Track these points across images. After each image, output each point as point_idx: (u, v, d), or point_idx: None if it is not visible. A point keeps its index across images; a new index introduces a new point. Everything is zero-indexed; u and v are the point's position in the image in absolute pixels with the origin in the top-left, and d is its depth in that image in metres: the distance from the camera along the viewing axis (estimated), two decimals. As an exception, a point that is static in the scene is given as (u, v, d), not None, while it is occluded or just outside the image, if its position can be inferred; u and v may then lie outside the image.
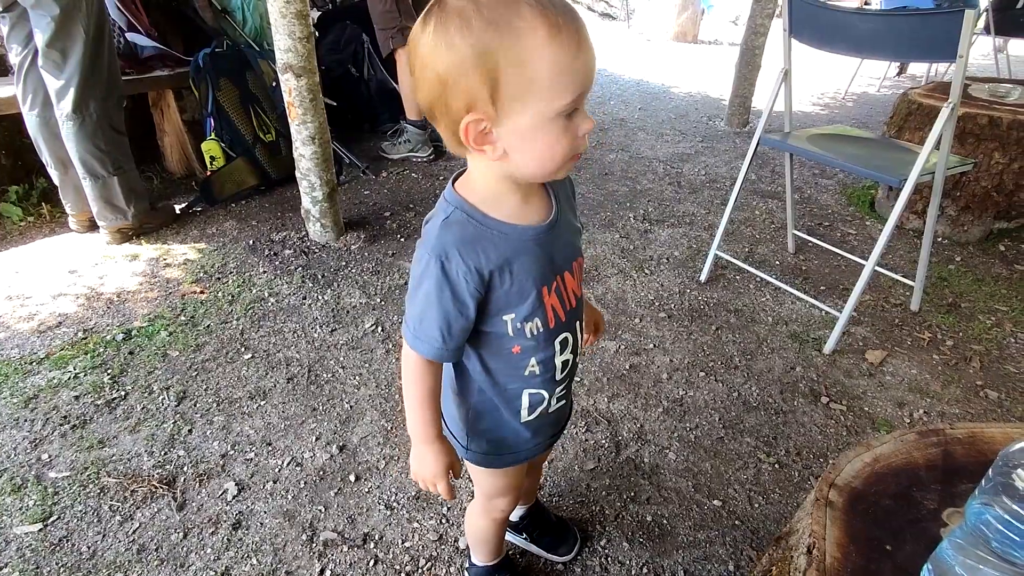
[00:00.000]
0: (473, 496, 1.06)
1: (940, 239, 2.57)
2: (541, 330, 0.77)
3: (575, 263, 0.80)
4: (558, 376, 0.83)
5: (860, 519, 0.73)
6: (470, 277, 0.69)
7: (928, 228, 1.90)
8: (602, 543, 1.27)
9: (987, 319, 2.04)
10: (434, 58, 0.61)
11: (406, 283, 2.16)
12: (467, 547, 1.24)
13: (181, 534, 1.26)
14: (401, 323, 1.92)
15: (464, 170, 0.75)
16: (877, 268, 1.93)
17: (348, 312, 2.01)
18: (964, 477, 0.79)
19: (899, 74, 6.02)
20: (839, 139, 2.07)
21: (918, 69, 5.88)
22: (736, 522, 1.32)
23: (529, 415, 0.85)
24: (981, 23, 4.50)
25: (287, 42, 2.05)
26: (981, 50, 5.62)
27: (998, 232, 2.57)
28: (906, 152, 1.95)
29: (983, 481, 0.57)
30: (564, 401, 0.90)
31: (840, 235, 2.63)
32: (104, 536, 1.25)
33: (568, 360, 0.83)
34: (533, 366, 0.80)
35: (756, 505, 1.36)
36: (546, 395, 0.84)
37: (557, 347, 0.80)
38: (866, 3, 7.86)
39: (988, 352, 1.88)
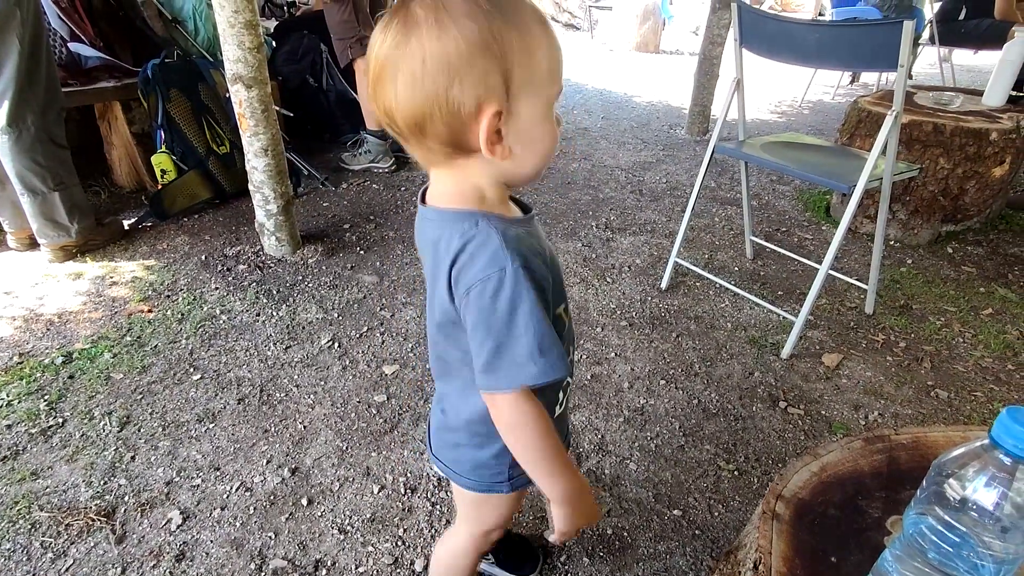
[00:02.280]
0: (443, 535, 1.02)
1: (892, 242, 2.64)
2: (567, 329, 0.77)
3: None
4: (572, 371, 0.83)
5: (807, 531, 0.73)
6: (547, 278, 0.65)
7: (879, 232, 1.95)
8: (562, 559, 1.24)
9: (937, 320, 2.09)
10: (440, 45, 0.55)
11: (365, 297, 2.13)
12: (423, 568, 1.21)
13: (119, 569, 1.19)
14: (360, 338, 1.89)
15: (427, 186, 0.70)
16: (832, 272, 1.97)
17: (304, 328, 1.95)
18: (908, 483, 0.79)
19: (852, 82, 6.21)
20: (792, 146, 2.11)
21: (870, 78, 6.09)
22: (696, 531, 1.32)
23: (560, 409, 0.81)
24: (926, 34, 4.68)
25: (236, 52, 2.00)
26: (927, 60, 5.86)
27: (946, 235, 2.65)
28: (857, 159, 2.00)
29: (919, 491, 0.56)
30: (566, 405, 0.86)
31: (797, 240, 2.68)
32: None
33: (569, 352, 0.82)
34: (569, 353, 0.78)
35: (716, 514, 1.36)
36: (570, 380, 0.82)
37: (572, 354, 0.82)
38: (820, 14, 8.12)
39: (938, 352, 1.93)
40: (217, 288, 2.15)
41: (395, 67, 0.57)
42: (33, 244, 2.30)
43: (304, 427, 1.56)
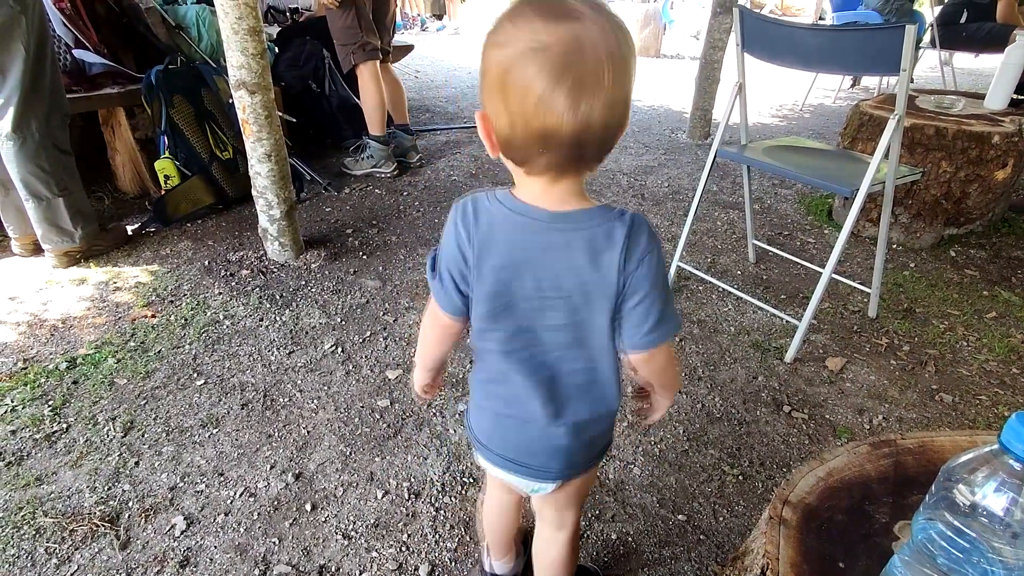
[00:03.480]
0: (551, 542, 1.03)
1: (895, 246, 2.63)
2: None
3: None
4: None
5: (814, 536, 0.72)
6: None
7: (881, 236, 1.95)
8: (566, 565, 1.24)
9: (940, 323, 2.09)
10: None
11: (367, 302, 2.13)
12: (427, 574, 1.21)
13: (124, 575, 1.19)
14: (363, 343, 1.89)
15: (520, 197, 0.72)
16: (835, 276, 1.97)
17: (307, 333, 1.95)
18: (915, 488, 0.79)
19: (853, 86, 6.22)
20: (794, 150, 2.11)
21: (871, 82, 6.10)
22: (701, 536, 1.31)
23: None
24: (927, 38, 4.69)
25: (240, 59, 2.01)
26: (928, 63, 5.86)
27: (949, 238, 2.65)
28: (858, 162, 2.00)
29: (927, 496, 0.56)
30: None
31: (799, 244, 2.68)
32: (38, 581, 1.17)
33: None
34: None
35: (721, 519, 1.36)
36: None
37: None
38: (820, 18, 8.14)
39: (942, 356, 1.92)
40: (220, 293, 2.15)
41: None
42: (37, 250, 2.30)
43: (308, 432, 1.56)
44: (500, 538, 1.13)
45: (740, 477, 1.46)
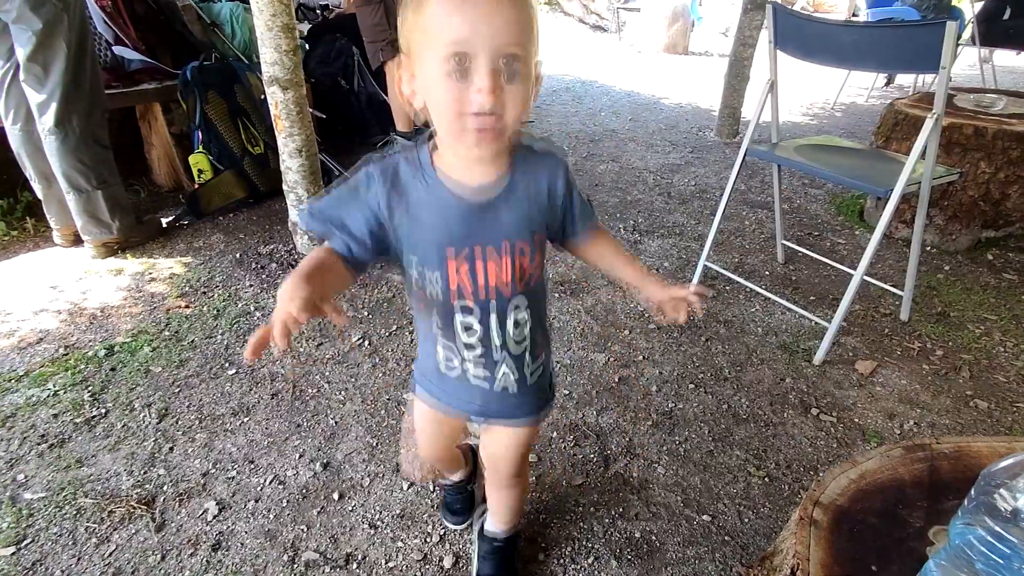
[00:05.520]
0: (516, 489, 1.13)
1: (928, 248, 2.57)
2: (440, 296, 0.80)
3: (506, 256, 0.79)
4: (464, 354, 0.86)
5: (845, 539, 0.72)
6: (383, 198, 0.76)
7: (916, 238, 1.90)
8: (589, 560, 1.25)
9: (976, 328, 2.04)
10: None
11: (394, 296, 2.15)
12: (451, 565, 1.22)
13: (159, 556, 1.23)
14: (389, 336, 1.92)
15: None
16: (866, 278, 1.93)
17: (335, 326, 1.98)
18: (951, 494, 0.77)
19: (887, 85, 6.07)
20: (826, 149, 2.08)
21: (905, 80, 5.94)
22: (726, 537, 1.30)
23: (445, 370, 0.89)
24: (967, 34, 4.56)
25: (273, 55, 2.05)
26: (967, 61, 5.70)
27: (986, 241, 2.58)
28: (893, 162, 1.96)
29: (966, 501, 0.56)
30: (487, 386, 0.89)
31: (829, 245, 2.63)
32: (79, 559, 1.22)
33: (474, 346, 0.84)
34: (436, 329, 0.85)
35: (746, 520, 1.35)
36: (456, 360, 0.87)
37: (459, 325, 0.82)
38: (854, 15, 7.96)
39: (977, 362, 1.87)
40: (251, 285, 2.20)
41: None
42: (77, 240, 2.38)
43: (335, 423, 1.59)
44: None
45: (766, 479, 1.45)
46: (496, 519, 1.17)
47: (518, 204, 0.79)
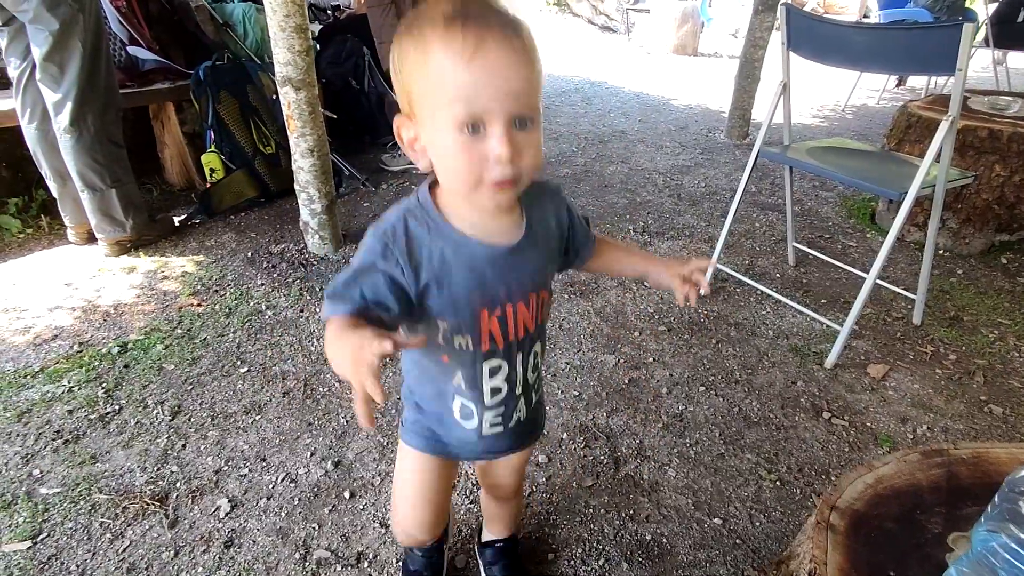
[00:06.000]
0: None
1: (942, 252, 2.55)
2: (470, 348, 0.75)
3: (533, 296, 0.76)
4: (487, 400, 0.81)
5: (862, 543, 0.71)
6: (406, 266, 0.68)
7: (929, 241, 1.89)
8: (600, 563, 1.24)
9: (990, 333, 2.02)
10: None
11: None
12: (463, 566, 1.22)
13: (172, 552, 1.24)
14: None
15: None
16: (878, 281, 1.92)
17: (345, 325, 1.99)
18: (970, 500, 0.77)
19: (898, 86, 6.03)
20: (838, 152, 2.07)
21: (917, 81, 5.90)
22: (737, 541, 1.30)
23: (460, 418, 0.84)
24: (980, 36, 4.52)
25: (286, 55, 2.06)
26: (980, 63, 5.64)
27: (1000, 245, 2.55)
28: (906, 165, 1.95)
29: (989, 507, 0.55)
30: (501, 428, 0.85)
31: (841, 248, 2.62)
32: (94, 554, 1.23)
33: (500, 388, 0.80)
34: (459, 380, 0.79)
35: (757, 523, 1.34)
36: (475, 412, 0.82)
37: (485, 371, 0.77)
38: (865, 16, 7.92)
39: (992, 366, 1.86)
40: (263, 284, 2.21)
41: None
42: (91, 238, 2.40)
43: (346, 422, 1.59)
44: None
45: (777, 483, 1.44)
46: (499, 527, 1.17)
47: (539, 243, 0.76)
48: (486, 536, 1.21)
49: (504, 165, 0.61)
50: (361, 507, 1.35)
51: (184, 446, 1.51)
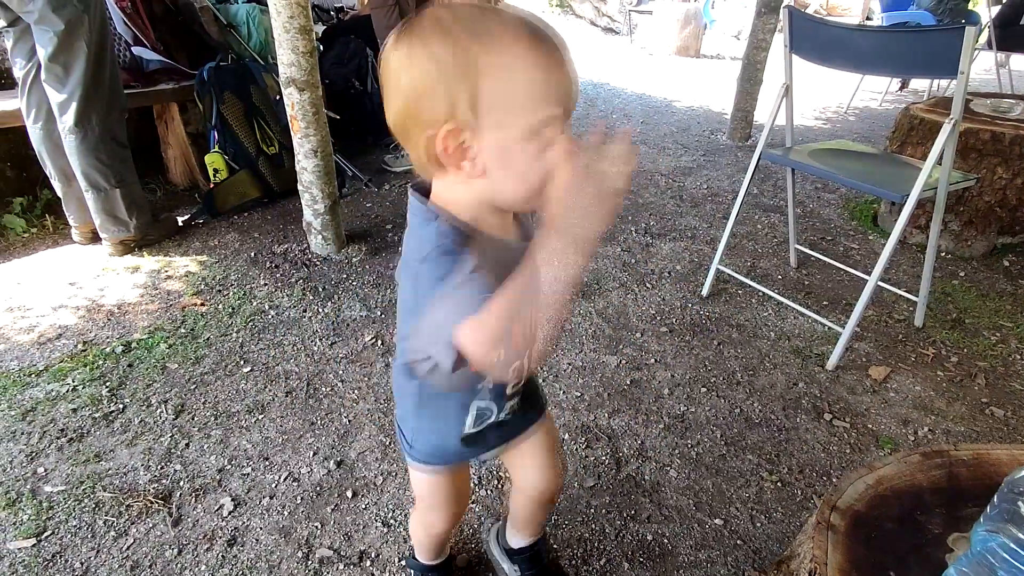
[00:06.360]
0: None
1: (943, 254, 2.55)
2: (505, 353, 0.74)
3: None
4: (508, 391, 0.84)
5: (863, 544, 0.72)
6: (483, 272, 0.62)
7: (931, 243, 1.89)
8: (601, 563, 1.25)
9: (992, 335, 2.02)
10: (411, 67, 0.60)
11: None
12: (465, 565, 1.23)
13: (175, 550, 1.25)
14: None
15: (421, 181, 0.71)
16: (880, 283, 1.92)
17: (348, 325, 2.00)
18: (970, 501, 0.77)
19: (901, 89, 6.03)
20: (841, 154, 2.07)
21: (920, 84, 5.90)
22: (738, 541, 1.30)
23: (473, 428, 0.85)
24: (983, 38, 4.52)
25: (290, 56, 2.07)
26: (983, 65, 5.64)
27: (1002, 247, 2.55)
28: (908, 167, 1.95)
29: (988, 508, 0.56)
30: (512, 415, 0.88)
31: (843, 249, 2.62)
32: (98, 552, 1.24)
33: (520, 380, 0.82)
34: (487, 382, 0.79)
35: (758, 524, 1.34)
36: (495, 409, 0.84)
37: (512, 370, 0.76)
38: (867, 19, 7.91)
39: (993, 369, 1.86)
40: (266, 284, 2.22)
41: (386, 81, 0.63)
42: (95, 238, 2.41)
43: (349, 421, 1.60)
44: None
45: (779, 483, 1.45)
46: (531, 531, 1.15)
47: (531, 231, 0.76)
48: (519, 543, 1.17)
49: (572, 163, 0.60)
50: (363, 506, 1.36)
51: (187, 445, 1.51)
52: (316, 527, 1.31)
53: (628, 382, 1.77)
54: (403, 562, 1.22)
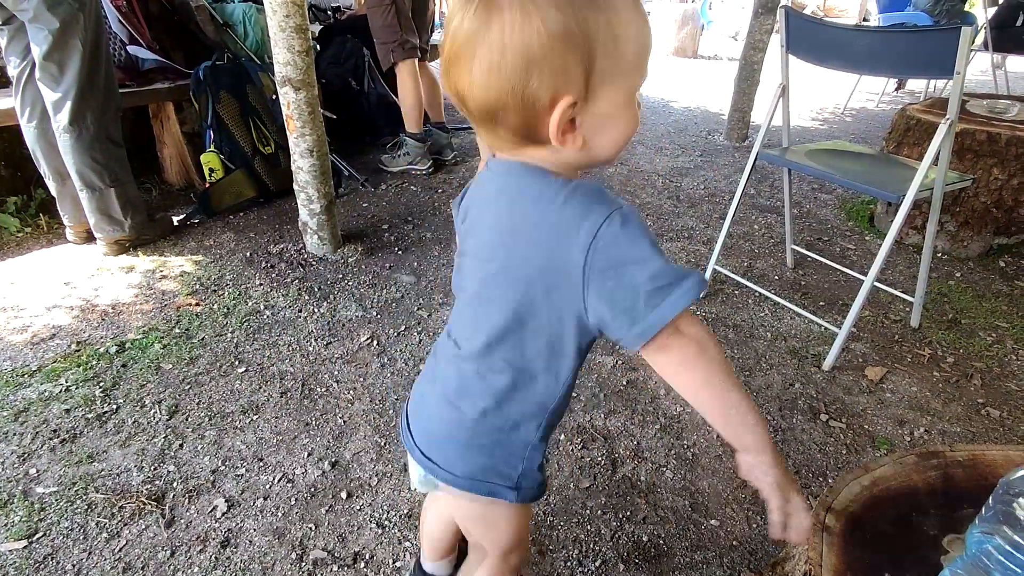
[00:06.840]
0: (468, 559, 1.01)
1: (940, 255, 2.56)
2: None
3: None
4: None
5: (858, 545, 0.71)
6: None
7: (927, 244, 1.89)
8: (596, 564, 1.24)
9: (988, 336, 2.02)
10: (522, 37, 0.53)
11: (403, 296, 2.16)
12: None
13: (168, 552, 1.24)
14: (398, 336, 1.92)
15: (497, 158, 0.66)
16: (876, 284, 1.92)
17: (344, 325, 1.99)
18: (965, 502, 0.77)
19: (897, 89, 6.05)
20: (837, 154, 2.07)
21: (916, 85, 5.92)
22: (734, 542, 1.30)
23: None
24: (979, 40, 4.53)
25: (286, 56, 2.06)
26: (979, 66, 5.66)
27: (998, 248, 2.56)
28: (904, 168, 1.95)
29: (983, 509, 0.55)
30: None
31: (839, 250, 2.62)
32: (90, 554, 1.23)
33: None
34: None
35: (754, 525, 1.34)
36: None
37: None
38: (864, 19, 7.93)
39: (989, 369, 1.86)
40: (261, 284, 2.21)
41: (473, 52, 0.55)
42: (90, 238, 2.40)
43: (344, 422, 1.59)
44: (433, 541, 1.10)
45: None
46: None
47: None
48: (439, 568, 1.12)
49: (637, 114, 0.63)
50: (358, 507, 1.35)
51: (181, 446, 1.50)
52: (310, 528, 1.30)
53: (624, 383, 1.77)
54: None
